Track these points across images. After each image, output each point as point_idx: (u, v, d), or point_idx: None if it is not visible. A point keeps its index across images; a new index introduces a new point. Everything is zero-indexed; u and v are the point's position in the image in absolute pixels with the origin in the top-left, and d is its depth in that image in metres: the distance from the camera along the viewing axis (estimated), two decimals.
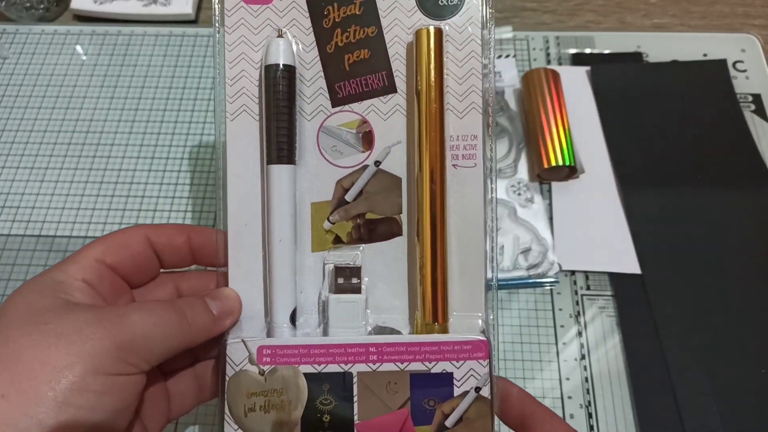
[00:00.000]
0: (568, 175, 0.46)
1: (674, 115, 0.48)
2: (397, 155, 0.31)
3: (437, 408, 0.29)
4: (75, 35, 0.54)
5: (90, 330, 0.24)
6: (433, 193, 0.29)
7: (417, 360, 0.29)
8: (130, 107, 0.51)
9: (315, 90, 0.31)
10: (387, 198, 0.31)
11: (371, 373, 0.29)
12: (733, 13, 0.55)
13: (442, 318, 0.30)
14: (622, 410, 0.38)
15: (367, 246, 0.31)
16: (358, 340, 0.29)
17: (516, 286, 0.42)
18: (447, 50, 0.31)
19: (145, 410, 0.29)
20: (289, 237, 0.30)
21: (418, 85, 0.30)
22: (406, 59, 0.31)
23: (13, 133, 0.50)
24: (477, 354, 0.29)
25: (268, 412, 0.28)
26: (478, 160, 0.30)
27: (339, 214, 0.31)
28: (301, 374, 0.29)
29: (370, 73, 0.31)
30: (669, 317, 0.40)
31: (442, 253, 0.29)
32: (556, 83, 0.47)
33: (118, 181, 0.47)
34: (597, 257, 0.43)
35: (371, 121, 0.31)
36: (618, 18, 0.55)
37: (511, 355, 0.40)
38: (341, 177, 0.31)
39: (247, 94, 0.31)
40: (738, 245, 0.43)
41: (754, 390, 0.38)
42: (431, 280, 0.29)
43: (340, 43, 0.31)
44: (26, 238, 0.45)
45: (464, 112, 0.31)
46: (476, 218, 0.30)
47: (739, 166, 0.46)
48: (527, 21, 0.55)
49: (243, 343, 0.29)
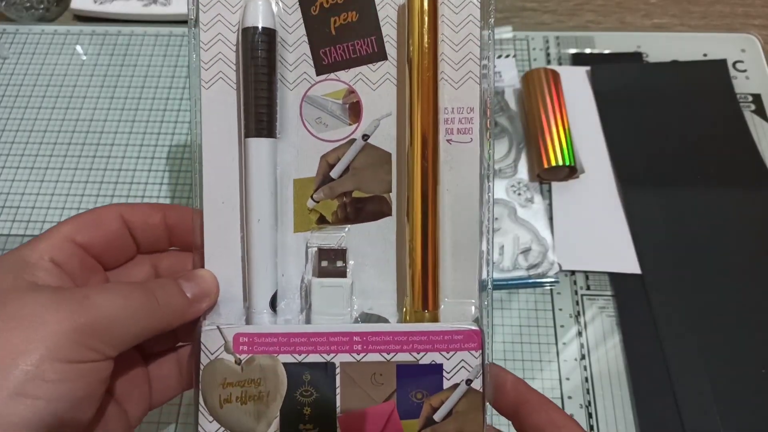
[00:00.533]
0: (568, 175, 0.46)
1: (674, 115, 0.48)
2: (386, 128, 0.29)
3: (425, 401, 0.27)
4: (75, 35, 0.54)
5: (48, 313, 0.22)
6: (424, 170, 0.27)
7: (404, 350, 0.27)
8: (130, 107, 0.51)
9: (298, 56, 0.29)
10: (375, 175, 0.29)
11: (355, 364, 0.27)
12: (733, 13, 0.55)
13: (433, 305, 0.28)
14: (622, 410, 0.38)
15: (353, 226, 0.29)
16: (342, 329, 0.27)
17: (516, 286, 0.42)
18: (442, 13, 0.28)
19: (124, 395, 0.27)
20: (269, 216, 0.28)
21: (410, 52, 0.28)
22: (397, 23, 0.28)
23: (13, 133, 0.50)
24: (469, 344, 0.27)
25: (245, 403, 0.27)
26: (474, 134, 0.28)
27: (324, 192, 0.29)
28: (281, 364, 0.27)
29: (358, 38, 0.28)
30: (669, 317, 0.40)
31: (433, 235, 0.27)
32: (556, 83, 0.47)
33: (118, 181, 0.47)
34: (597, 257, 0.43)
35: (359, 90, 0.29)
36: (618, 18, 0.55)
37: (511, 355, 0.40)
38: (326, 152, 0.29)
39: (223, 60, 0.28)
40: (738, 245, 0.43)
41: (754, 390, 0.38)
42: (422, 264, 0.27)
43: (326, 4, 0.28)
44: (26, 238, 0.45)
45: (460, 82, 0.28)
46: (471, 197, 0.28)
47: (739, 166, 0.46)
48: (527, 21, 0.55)
49: (218, 330, 0.27)
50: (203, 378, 0.27)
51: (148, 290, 0.25)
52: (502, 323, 0.41)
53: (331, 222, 0.29)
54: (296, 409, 0.27)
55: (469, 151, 0.28)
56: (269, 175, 0.28)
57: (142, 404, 0.28)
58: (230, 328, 0.27)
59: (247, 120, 0.28)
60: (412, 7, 0.27)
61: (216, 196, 0.28)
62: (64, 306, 0.23)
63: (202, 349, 0.27)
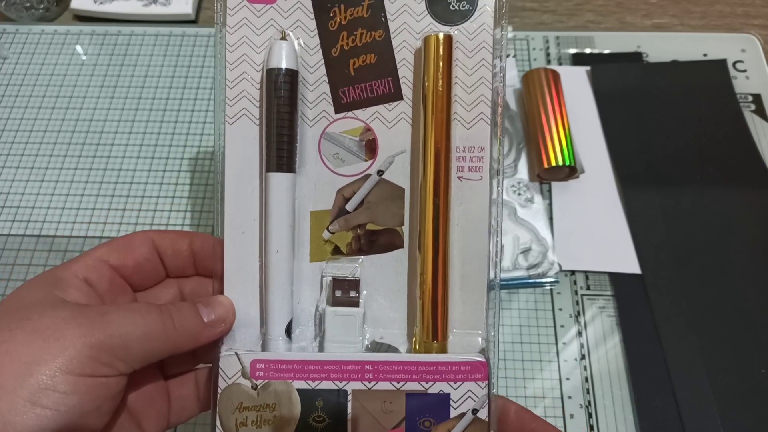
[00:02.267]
0: (568, 175, 0.46)
1: (674, 115, 0.48)
2: (400, 165, 0.30)
3: (433, 429, 0.28)
4: (75, 35, 0.54)
5: (67, 327, 0.23)
6: (436, 206, 0.29)
7: (414, 380, 0.28)
8: (130, 107, 0.51)
9: (318, 95, 0.30)
10: (389, 209, 0.30)
11: (366, 392, 0.28)
12: (733, 13, 0.55)
13: (442, 336, 0.29)
14: (622, 410, 0.38)
15: (366, 257, 0.30)
16: (354, 357, 0.28)
17: (516, 286, 0.42)
18: (456, 57, 0.29)
19: (142, 412, 0.28)
20: (286, 247, 0.29)
21: (425, 93, 0.29)
22: (413, 65, 0.30)
23: (13, 133, 0.50)
24: (475, 375, 0.28)
25: (260, 427, 0.28)
26: (484, 173, 0.29)
27: (339, 224, 0.30)
28: (295, 390, 0.28)
29: (376, 78, 0.30)
30: (669, 317, 0.40)
31: (443, 268, 0.29)
32: (556, 83, 0.47)
33: (118, 180, 0.47)
34: (597, 257, 0.43)
35: (375, 128, 0.30)
36: (618, 18, 0.55)
37: (511, 355, 0.40)
38: (342, 186, 0.30)
39: (247, 97, 0.30)
40: (738, 245, 0.43)
41: (754, 390, 0.38)
42: (431, 296, 0.29)
43: (346, 47, 0.30)
44: (26, 238, 0.45)
45: (472, 123, 0.30)
46: (480, 232, 0.29)
47: (739, 166, 0.46)
48: (527, 21, 0.55)
49: (236, 356, 0.28)
50: (221, 401, 0.28)
51: (165, 311, 0.26)
52: (502, 323, 0.41)
53: (345, 253, 0.30)
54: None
55: (478, 188, 0.29)
56: (288, 208, 0.29)
57: (160, 422, 0.29)
58: (248, 354, 0.28)
59: (268, 155, 0.29)
60: (428, 51, 0.29)
61: (236, 225, 0.30)
62: (81, 321, 0.24)
63: (220, 374, 0.28)
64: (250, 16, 0.30)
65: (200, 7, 0.57)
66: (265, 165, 0.29)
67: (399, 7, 0.30)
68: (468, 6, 0.29)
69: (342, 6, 0.30)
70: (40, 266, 0.44)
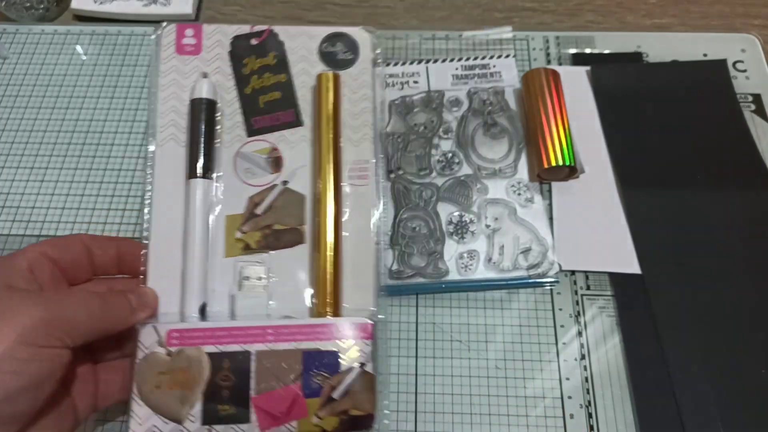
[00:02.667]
0: (568, 175, 0.46)
1: (674, 115, 0.48)
2: (301, 176, 0.37)
3: (326, 382, 0.32)
4: (75, 35, 0.55)
5: (23, 307, 0.28)
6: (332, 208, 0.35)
7: (309, 339, 0.33)
8: (130, 107, 0.51)
9: (234, 123, 0.38)
10: (292, 212, 0.36)
11: (268, 352, 0.32)
12: (733, 13, 0.55)
13: (334, 308, 0.34)
14: (622, 410, 0.38)
15: (274, 252, 0.36)
16: (258, 323, 0.33)
17: (516, 286, 0.42)
18: (344, 92, 0.38)
19: (76, 391, 0.33)
20: (201, 240, 0.35)
21: (319, 119, 0.37)
22: (311, 99, 0.38)
23: (13, 133, 0.50)
24: (362, 334, 0.33)
25: (172, 388, 0.32)
26: (370, 179, 0.37)
27: (249, 225, 0.36)
28: (205, 354, 0.32)
29: (281, 110, 0.38)
30: (669, 317, 0.40)
31: (336, 257, 0.35)
32: (556, 83, 0.47)
33: (118, 180, 0.47)
34: (597, 257, 0.43)
35: (280, 148, 0.37)
36: (618, 18, 0.55)
37: (511, 355, 0.40)
38: (253, 194, 0.37)
39: (175, 125, 0.37)
40: (738, 245, 0.43)
41: (754, 390, 0.38)
42: (328, 279, 0.34)
43: (257, 87, 0.38)
44: (26, 238, 0.45)
45: (358, 142, 0.37)
46: (366, 229, 0.36)
47: (739, 166, 0.46)
48: (527, 21, 0.55)
49: (153, 327, 0.33)
50: (139, 370, 0.32)
51: (103, 298, 0.32)
52: (503, 323, 0.41)
53: (255, 249, 0.36)
54: (216, 391, 0.32)
55: (365, 192, 0.37)
56: (204, 208, 0.36)
57: (89, 401, 0.34)
58: (164, 325, 0.33)
59: (190, 166, 0.36)
60: (320, 85, 0.38)
61: (161, 228, 0.36)
62: (35, 302, 0.29)
63: (138, 345, 0.33)
64: (179, 64, 0.38)
65: (200, 7, 0.57)
66: (187, 174, 0.36)
67: (298, 57, 0.39)
68: (352, 56, 0.39)
69: (253, 56, 0.38)
70: None
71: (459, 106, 0.49)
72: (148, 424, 0.31)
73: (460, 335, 0.41)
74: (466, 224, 0.44)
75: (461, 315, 0.42)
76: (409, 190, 0.45)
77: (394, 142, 0.47)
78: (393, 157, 0.46)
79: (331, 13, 0.56)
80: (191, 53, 0.38)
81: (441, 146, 0.47)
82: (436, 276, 0.42)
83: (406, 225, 0.44)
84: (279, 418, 0.31)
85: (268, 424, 0.31)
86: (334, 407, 0.32)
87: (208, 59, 0.38)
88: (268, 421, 0.31)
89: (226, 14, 0.57)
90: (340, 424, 0.31)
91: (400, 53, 0.52)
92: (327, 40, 0.38)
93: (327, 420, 0.32)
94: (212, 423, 0.31)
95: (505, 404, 0.39)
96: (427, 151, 0.47)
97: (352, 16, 0.56)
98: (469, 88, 0.50)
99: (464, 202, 0.45)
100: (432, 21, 0.56)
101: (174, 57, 0.38)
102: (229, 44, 0.39)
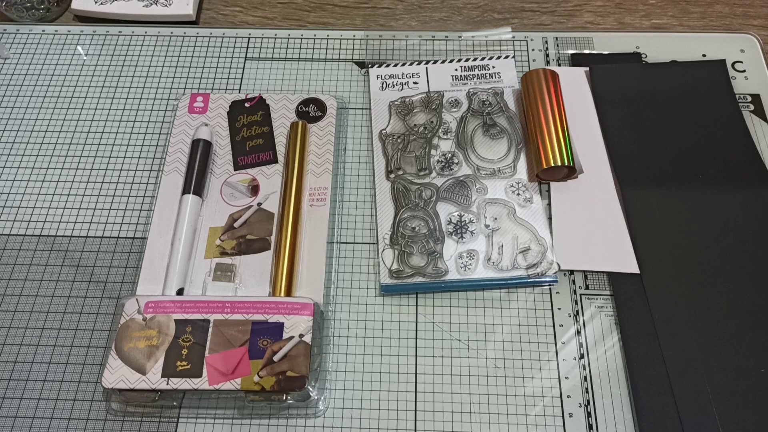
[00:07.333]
0: (567, 175, 0.46)
1: (673, 116, 0.48)
2: (272, 199, 0.45)
3: (269, 347, 0.38)
4: (75, 35, 0.55)
5: None
6: (293, 223, 0.43)
7: (259, 312, 0.39)
8: (130, 107, 0.51)
9: (225, 160, 0.47)
10: (263, 225, 0.44)
11: (224, 321, 0.39)
12: (732, 14, 0.55)
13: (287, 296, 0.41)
14: (621, 409, 0.38)
15: (245, 256, 0.43)
16: (219, 299, 0.40)
17: (515, 285, 0.42)
18: (312, 139, 0.48)
19: None
20: (186, 241, 0.43)
21: (289, 158, 0.46)
22: (285, 143, 0.48)
23: (14, 133, 0.50)
24: (304, 312, 0.39)
25: (142, 347, 0.38)
26: (326, 202, 0.45)
27: (227, 235, 0.44)
28: (173, 320, 0.39)
29: (262, 152, 0.47)
30: (668, 317, 0.40)
31: (292, 258, 0.42)
32: (555, 83, 0.47)
33: (119, 181, 0.47)
34: (596, 257, 0.43)
35: (259, 179, 0.46)
36: (617, 18, 0.55)
37: (510, 355, 0.40)
38: (233, 212, 0.45)
39: (179, 161, 0.47)
40: (737, 245, 0.43)
41: (753, 389, 0.38)
42: (284, 272, 0.42)
43: (245, 135, 0.48)
44: (27, 238, 0.45)
45: (320, 173, 0.46)
46: (321, 239, 0.44)
47: (739, 166, 0.46)
48: (526, 22, 0.56)
49: (135, 300, 0.40)
50: (120, 332, 0.39)
51: None
52: (502, 322, 0.41)
53: (230, 253, 0.44)
54: (177, 350, 0.38)
55: (322, 212, 0.45)
56: (191, 218, 0.44)
57: None
58: (144, 297, 0.40)
59: (185, 185, 0.45)
60: (292, 131, 0.48)
61: (157, 230, 0.44)
62: None
63: (122, 314, 0.40)
64: (189, 119, 0.49)
65: (201, 8, 0.57)
66: (182, 190, 0.45)
67: (279, 114, 0.49)
68: (321, 113, 0.49)
69: (245, 114, 0.49)
70: (42, 266, 0.44)
71: (458, 107, 0.49)
72: (118, 373, 0.37)
73: (460, 334, 0.41)
74: (465, 224, 0.44)
75: (460, 314, 0.42)
76: (409, 190, 0.45)
77: (394, 142, 0.47)
78: (393, 158, 0.47)
79: (331, 14, 0.57)
80: (199, 112, 0.49)
81: (440, 146, 0.47)
82: (435, 275, 0.42)
83: (405, 225, 0.44)
84: (226, 375, 0.37)
85: (217, 379, 0.37)
86: (274, 368, 0.37)
87: (211, 116, 0.49)
88: (217, 377, 0.37)
89: (226, 15, 0.57)
90: (276, 383, 0.37)
91: (399, 54, 0.52)
92: (302, 103, 0.49)
93: (266, 379, 0.37)
94: (170, 376, 0.37)
95: (504, 403, 0.39)
96: (426, 151, 0.47)
97: (352, 17, 0.56)
98: (469, 88, 0.50)
99: (463, 202, 0.45)
100: (431, 22, 0.56)
101: (186, 115, 0.49)
102: (228, 106, 0.50)
